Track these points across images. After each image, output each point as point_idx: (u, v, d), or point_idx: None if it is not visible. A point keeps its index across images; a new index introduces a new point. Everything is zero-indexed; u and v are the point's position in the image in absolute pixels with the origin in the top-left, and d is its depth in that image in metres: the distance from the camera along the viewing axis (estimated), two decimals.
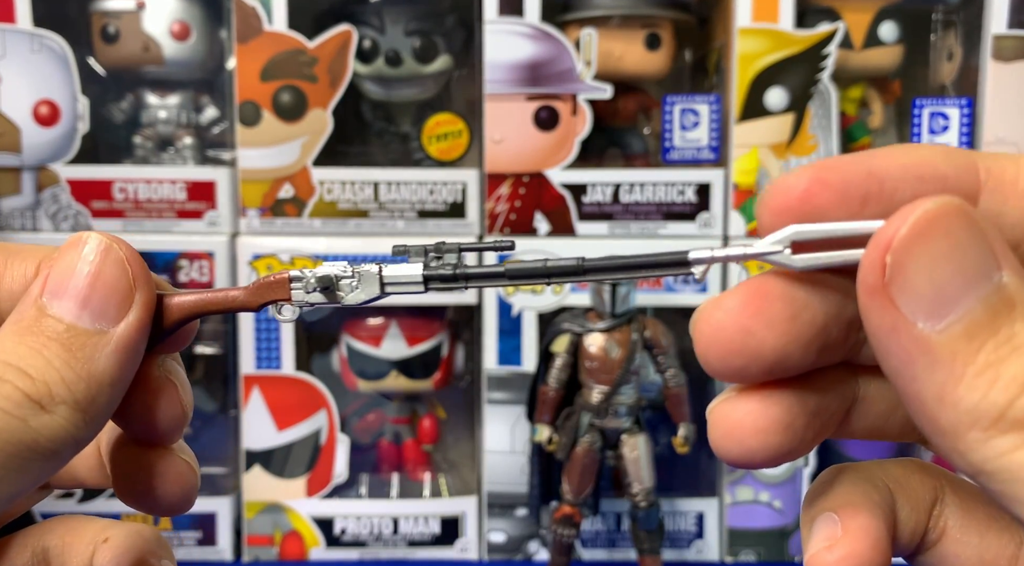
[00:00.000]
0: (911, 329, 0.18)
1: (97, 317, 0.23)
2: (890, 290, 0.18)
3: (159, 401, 0.24)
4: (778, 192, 0.21)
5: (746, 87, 0.73)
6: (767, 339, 0.20)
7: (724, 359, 0.21)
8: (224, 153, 0.80)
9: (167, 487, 0.26)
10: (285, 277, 0.25)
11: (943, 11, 0.81)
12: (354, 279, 0.25)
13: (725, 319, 0.20)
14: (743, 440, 0.21)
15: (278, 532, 0.79)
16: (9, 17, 0.74)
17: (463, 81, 0.81)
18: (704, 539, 0.79)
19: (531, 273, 0.24)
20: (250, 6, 0.73)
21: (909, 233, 0.18)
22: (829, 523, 0.22)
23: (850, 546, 0.21)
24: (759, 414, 0.21)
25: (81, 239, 0.24)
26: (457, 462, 0.86)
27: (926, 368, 0.18)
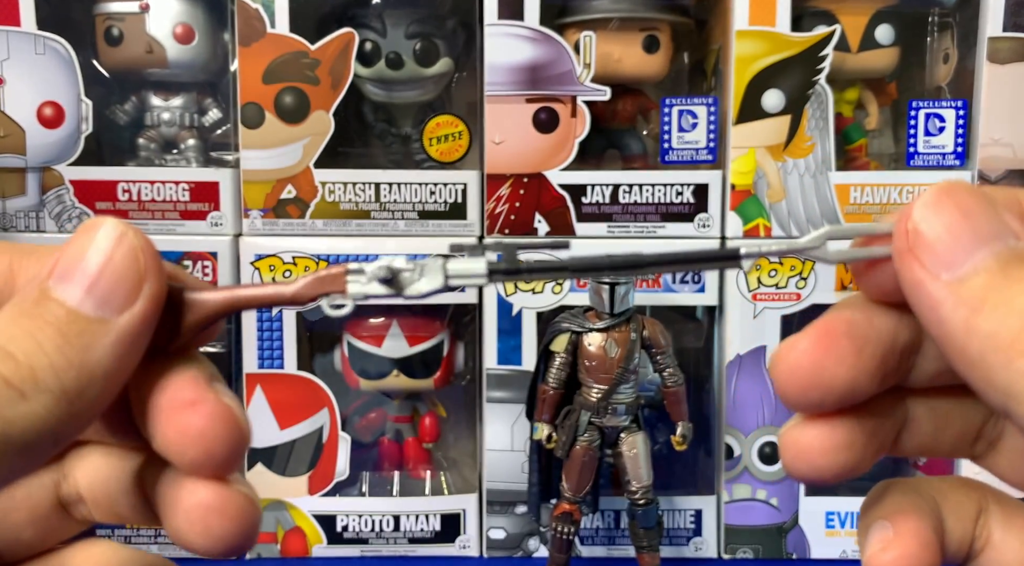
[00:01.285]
0: (935, 281, 0.22)
1: (101, 305, 0.22)
2: (915, 252, 0.22)
3: (217, 425, 0.23)
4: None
5: (743, 89, 0.74)
6: (838, 373, 0.23)
7: (802, 394, 0.23)
8: (227, 154, 0.81)
9: (226, 526, 0.23)
10: (342, 270, 0.25)
11: (939, 14, 0.81)
12: (415, 271, 0.25)
13: (801, 358, 0.23)
14: (812, 460, 0.24)
15: (280, 529, 0.80)
16: (13, 19, 0.75)
17: (463, 83, 0.82)
18: (702, 536, 0.80)
19: (593, 266, 0.25)
20: (253, 9, 0.74)
21: (926, 203, 0.22)
22: (882, 529, 0.25)
23: (902, 547, 0.24)
24: (825, 437, 0.24)
25: (95, 224, 0.23)
26: (458, 460, 0.87)
27: (952, 308, 0.21)
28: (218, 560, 0.20)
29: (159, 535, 0.79)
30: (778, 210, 0.76)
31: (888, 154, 0.83)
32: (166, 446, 0.22)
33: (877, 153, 0.83)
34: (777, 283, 0.76)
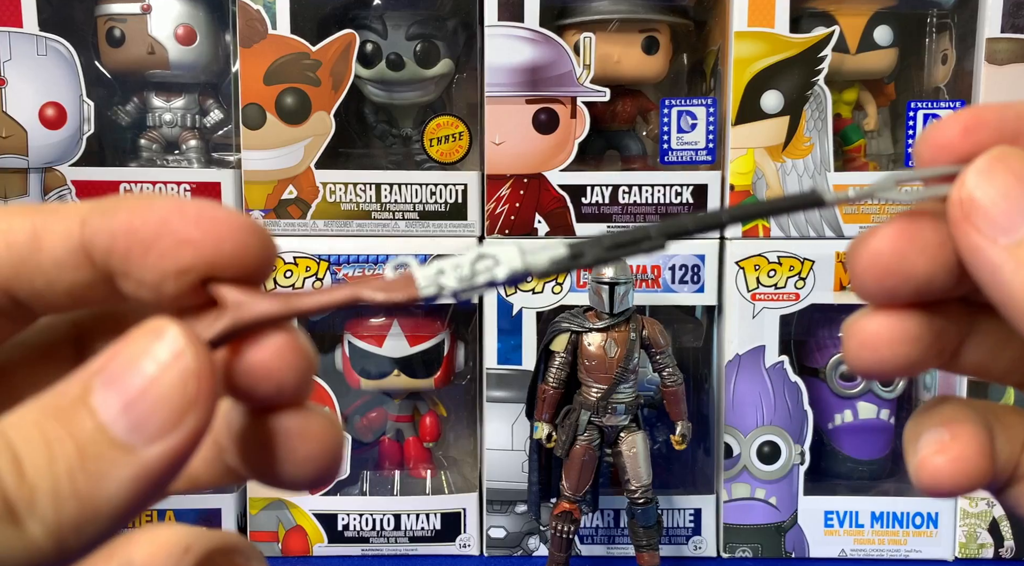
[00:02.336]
0: (993, 246, 0.22)
1: (133, 428, 0.19)
2: (971, 219, 0.22)
3: (281, 354, 0.21)
4: (940, 129, 0.23)
5: (742, 90, 0.74)
6: (919, 263, 0.23)
7: (879, 280, 0.23)
8: (228, 155, 0.81)
9: (309, 450, 0.22)
10: (410, 275, 0.23)
11: (937, 15, 0.81)
12: (489, 260, 0.23)
13: (882, 244, 0.23)
14: (877, 350, 0.24)
15: (281, 528, 0.80)
16: (15, 20, 0.75)
17: (464, 84, 0.82)
18: (701, 535, 0.80)
19: (679, 229, 0.24)
20: (254, 10, 0.74)
21: (979, 169, 0.22)
22: (938, 433, 0.24)
23: (960, 449, 0.24)
24: (894, 327, 0.24)
25: (161, 328, 0.20)
26: (458, 459, 0.87)
27: (1012, 271, 0.21)
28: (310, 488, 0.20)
29: None
30: None
31: (887, 155, 0.84)
32: (236, 386, 0.21)
33: (876, 154, 0.83)
34: (776, 283, 0.76)
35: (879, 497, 0.80)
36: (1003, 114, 0.23)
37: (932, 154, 0.23)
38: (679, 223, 0.24)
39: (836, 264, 0.75)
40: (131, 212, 0.21)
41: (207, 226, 0.21)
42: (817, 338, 0.83)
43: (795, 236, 0.76)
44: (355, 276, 0.22)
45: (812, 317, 0.81)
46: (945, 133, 0.23)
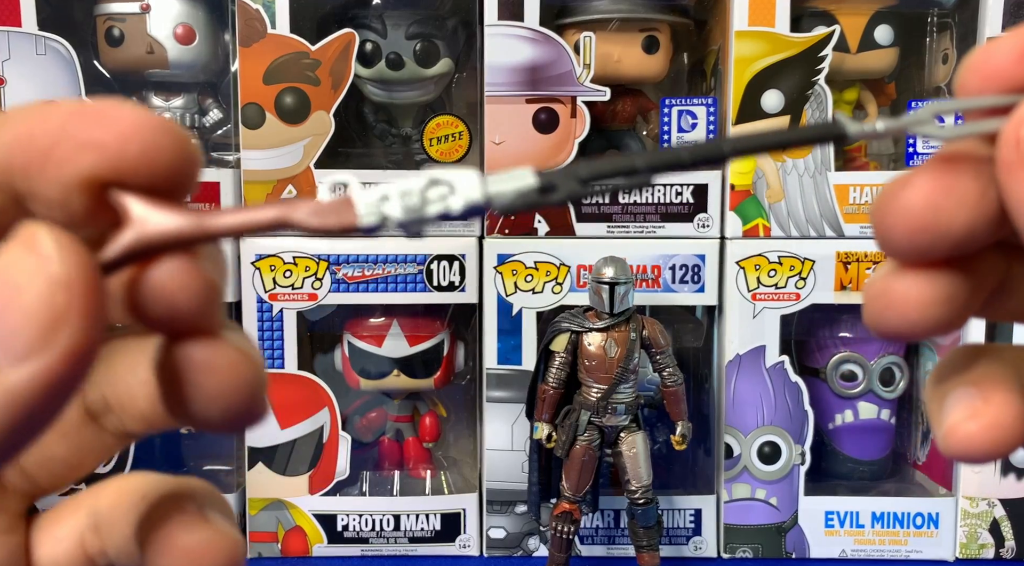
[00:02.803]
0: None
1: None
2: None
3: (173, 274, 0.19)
4: (991, 54, 0.20)
5: (742, 90, 0.74)
6: (958, 217, 0.20)
7: (912, 238, 0.20)
8: (228, 155, 0.81)
9: (215, 384, 0.20)
10: (349, 200, 0.20)
11: (938, 14, 0.81)
12: (443, 187, 0.20)
13: (915, 198, 0.20)
14: (906, 313, 0.21)
15: (281, 528, 0.80)
16: (14, 20, 0.75)
17: (464, 84, 0.82)
18: (702, 535, 0.80)
19: (671, 161, 0.21)
20: (253, 10, 0.74)
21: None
22: (969, 396, 0.21)
23: (994, 416, 0.21)
24: (925, 288, 0.21)
25: (31, 238, 0.18)
26: (458, 459, 0.87)
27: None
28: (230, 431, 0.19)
29: None
30: (777, 210, 0.76)
31: (887, 154, 0.84)
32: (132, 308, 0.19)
33: (876, 153, 0.83)
34: (776, 283, 0.76)
35: (880, 497, 0.80)
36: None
37: (980, 84, 0.20)
38: (672, 154, 0.21)
39: (836, 264, 0.75)
40: (26, 120, 0.18)
41: (109, 125, 0.18)
42: (818, 338, 0.83)
43: (796, 236, 0.76)
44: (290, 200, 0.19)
45: (812, 317, 0.80)
46: (997, 59, 0.20)
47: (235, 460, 0.81)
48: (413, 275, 0.77)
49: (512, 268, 0.77)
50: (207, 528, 0.21)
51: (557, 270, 0.77)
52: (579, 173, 0.21)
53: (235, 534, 0.22)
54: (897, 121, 0.21)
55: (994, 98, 0.20)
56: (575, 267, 0.76)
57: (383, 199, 0.20)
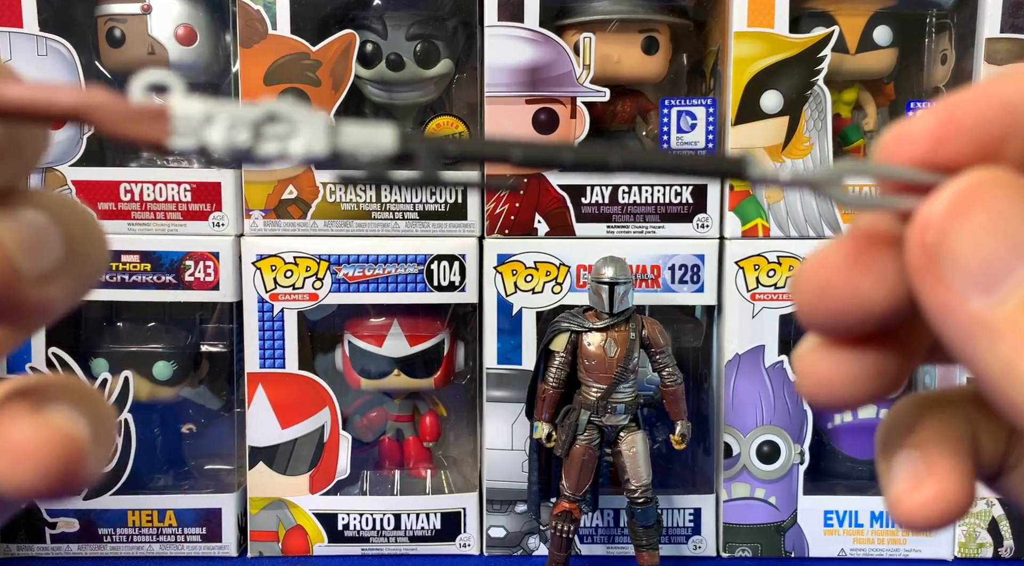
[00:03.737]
0: (965, 306, 0.17)
1: None
2: (938, 268, 0.18)
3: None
4: (900, 140, 0.19)
5: (742, 90, 0.75)
6: (877, 297, 0.19)
7: (832, 320, 0.19)
8: None
9: (22, 468, 0.18)
10: (164, 110, 0.17)
11: (937, 15, 0.82)
12: (283, 125, 0.18)
13: (833, 279, 0.19)
14: (835, 391, 0.20)
15: (282, 527, 0.80)
16: (15, 21, 0.75)
17: (464, 84, 0.82)
18: (701, 535, 0.80)
19: (549, 158, 0.19)
20: (254, 10, 0.74)
21: (948, 209, 0.18)
22: (912, 462, 0.21)
23: (938, 486, 0.20)
24: (851, 366, 0.20)
25: None
26: (458, 459, 0.87)
27: (988, 345, 0.17)
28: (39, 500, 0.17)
29: (160, 534, 0.80)
30: (776, 211, 0.76)
31: None
32: None
33: None
34: (776, 283, 0.76)
35: (879, 496, 0.80)
36: (984, 110, 0.18)
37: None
38: (554, 151, 0.19)
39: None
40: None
41: None
42: None
43: (795, 236, 0.77)
44: (98, 92, 0.16)
45: None
46: (914, 143, 0.19)
47: (236, 460, 0.81)
48: (413, 275, 0.77)
49: (512, 268, 0.77)
50: (31, 422, 0.19)
51: (557, 270, 0.77)
52: (447, 149, 0.18)
53: (72, 430, 0.19)
54: (807, 176, 0.20)
55: (912, 171, 0.19)
56: (575, 267, 0.77)
57: (206, 120, 0.17)
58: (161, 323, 0.81)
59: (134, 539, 0.80)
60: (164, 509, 0.80)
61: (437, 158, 0.18)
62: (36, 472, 0.18)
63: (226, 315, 0.80)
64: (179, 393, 0.82)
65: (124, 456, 0.79)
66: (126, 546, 0.80)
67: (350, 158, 0.18)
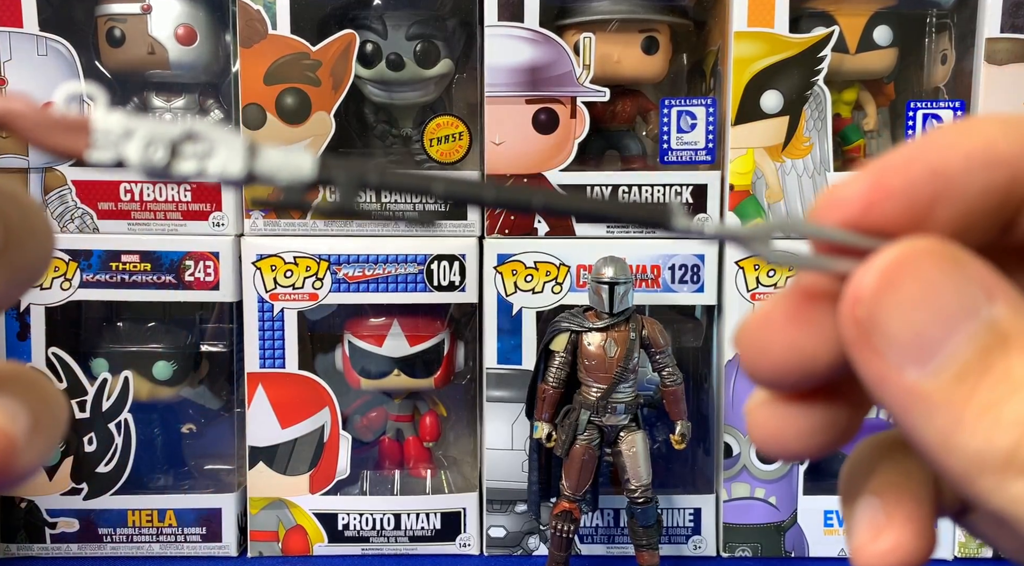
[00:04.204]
0: (900, 378, 0.18)
1: None
2: (872, 342, 0.18)
3: None
4: (832, 204, 0.19)
5: (742, 90, 0.75)
6: (818, 354, 0.19)
7: (775, 378, 0.20)
8: None
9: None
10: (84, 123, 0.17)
11: (937, 15, 0.82)
12: (203, 143, 0.17)
13: (774, 340, 0.19)
14: (786, 444, 0.21)
15: (282, 527, 0.80)
16: (15, 21, 0.75)
17: (464, 84, 0.82)
18: (701, 535, 0.80)
19: (470, 195, 0.19)
20: (254, 10, 0.74)
21: (877, 283, 0.18)
22: (872, 510, 0.21)
23: (896, 537, 0.20)
24: (799, 418, 0.20)
25: None
26: (458, 459, 0.87)
27: (924, 416, 0.17)
28: None
29: (160, 534, 0.80)
30: (776, 211, 0.76)
31: None
32: None
33: (875, 154, 0.83)
34: (776, 283, 0.76)
35: None
36: (912, 176, 0.18)
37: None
38: (474, 188, 0.19)
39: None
40: None
41: None
42: None
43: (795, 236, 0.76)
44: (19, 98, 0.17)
45: None
46: (845, 206, 0.19)
47: (236, 460, 0.81)
48: (413, 275, 0.77)
49: (512, 268, 0.77)
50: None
51: (557, 270, 0.77)
52: (367, 178, 0.18)
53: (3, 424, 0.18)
54: (733, 231, 0.20)
55: (840, 232, 0.19)
56: (575, 267, 0.77)
57: (126, 134, 0.17)
58: (161, 323, 0.81)
59: (134, 539, 0.80)
60: (164, 509, 0.80)
61: (357, 187, 0.18)
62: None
63: (226, 315, 0.80)
64: (179, 393, 0.82)
65: (124, 456, 0.79)
66: (126, 546, 0.80)
67: (268, 180, 0.18)
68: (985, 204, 0.19)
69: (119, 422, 0.79)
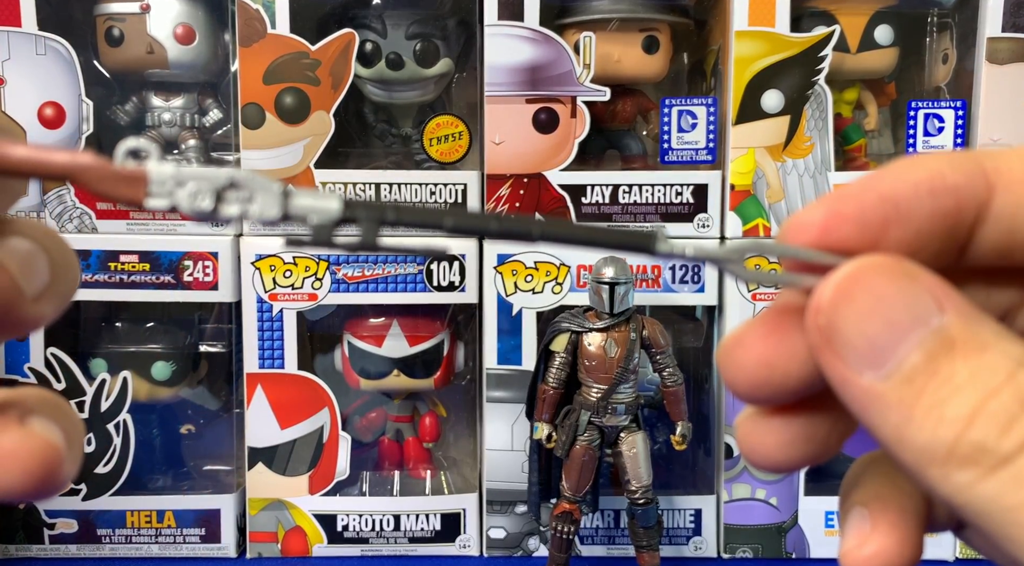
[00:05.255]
0: (859, 380, 0.20)
1: None
2: (833, 347, 0.20)
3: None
4: (795, 229, 0.21)
5: (742, 89, 0.74)
6: (791, 370, 0.21)
7: (753, 393, 0.22)
8: (228, 155, 0.81)
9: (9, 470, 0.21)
10: (142, 175, 0.20)
11: (938, 14, 0.81)
12: (244, 190, 0.20)
13: (748, 356, 0.21)
14: (769, 455, 0.22)
15: (281, 528, 0.80)
16: (14, 20, 0.75)
17: (464, 84, 0.82)
18: (702, 536, 0.80)
19: (477, 227, 0.21)
20: (253, 10, 0.74)
21: (834, 295, 0.20)
22: (860, 519, 0.23)
23: (879, 545, 0.22)
24: (780, 433, 0.22)
25: None
26: (458, 459, 0.87)
27: (879, 414, 0.19)
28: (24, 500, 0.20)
29: (159, 535, 0.80)
30: (777, 210, 0.76)
31: (887, 154, 0.84)
32: None
33: (876, 153, 0.83)
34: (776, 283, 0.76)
35: None
36: (863, 203, 0.21)
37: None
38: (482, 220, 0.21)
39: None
40: None
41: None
42: None
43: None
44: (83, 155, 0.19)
45: None
46: (807, 230, 0.21)
47: (235, 460, 0.81)
48: (413, 275, 0.77)
49: (512, 268, 0.77)
50: (17, 431, 0.21)
51: (557, 270, 0.77)
52: (386, 216, 0.20)
53: (52, 439, 0.21)
54: (711, 253, 0.22)
55: (806, 251, 0.21)
56: (575, 267, 0.76)
57: (178, 183, 0.20)
58: (160, 323, 0.81)
59: (133, 540, 0.80)
60: (163, 510, 0.80)
61: (378, 224, 0.20)
62: (23, 476, 0.21)
63: (225, 315, 0.80)
64: (178, 393, 0.82)
65: (123, 457, 0.79)
66: (125, 547, 0.80)
67: (300, 220, 0.20)
68: (934, 227, 0.21)
69: (118, 423, 0.79)
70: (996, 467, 0.18)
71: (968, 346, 0.19)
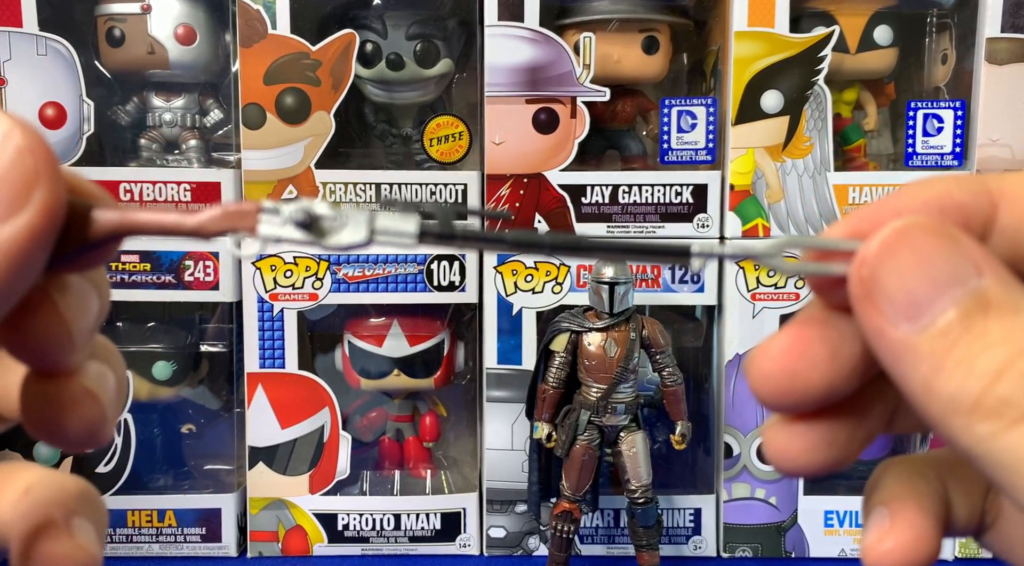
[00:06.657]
0: (894, 332, 0.21)
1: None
2: (873, 300, 0.21)
3: (34, 320, 0.21)
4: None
5: (742, 90, 0.74)
6: (813, 379, 0.22)
7: (777, 399, 0.23)
8: (228, 155, 0.81)
9: (66, 418, 0.23)
10: (254, 208, 0.23)
11: (937, 15, 0.82)
12: (337, 219, 0.22)
13: (773, 365, 0.23)
14: (794, 460, 0.23)
15: (281, 528, 0.80)
16: (15, 20, 0.75)
17: (464, 84, 0.82)
18: (701, 535, 0.80)
19: (533, 242, 0.24)
20: (254, 10, 0.74)
21: (879, 249, 0.21)
22: (880, 517, 0.24)
23: (897, 538, 0.24)
24: (805, 437, 0.23)
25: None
26: (458, 459, 0.87)
27: (911, 365, 0.20)
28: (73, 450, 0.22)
29: (160, 534, 0.80)
30: (777, 210, 0.76)
31: (887, 154, 0.84)
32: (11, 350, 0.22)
33: (875, 153, 0.83)
34: (776, 283, 0.76)
35: None
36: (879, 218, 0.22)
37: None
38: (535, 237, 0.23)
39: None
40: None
41: None
42: None
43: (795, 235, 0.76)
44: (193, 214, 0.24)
45: None
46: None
47: (236, 460, 0.81)
48: (413, 275, 0.77)
49: (512, 268, 0.77)
50: (68, 541, 0.24)
51: (557, 270, 0.77)
52: (454, 235, 0.23)
53: (93, 549, 0.24)
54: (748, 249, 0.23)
55: (842, 241, 0.22)
56: (575, 267, 0.76)
57: (285, 221, 0.22)
58: (161, 323, 0.81)
59: (134, 539, 0.80)
60: (164, 509, 0.80)
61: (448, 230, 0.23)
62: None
63: (226, 315, 0.80)
64: (179, 393, 0.82)
65: (124, 456, 0.79)
66: (125, 546, 0.80)
67: (386, 240, 0.23)
68: None
69: (119, 422, 0.79)
70: (1018, 420, 0.19)
71: (1003, 308, 0.20)
